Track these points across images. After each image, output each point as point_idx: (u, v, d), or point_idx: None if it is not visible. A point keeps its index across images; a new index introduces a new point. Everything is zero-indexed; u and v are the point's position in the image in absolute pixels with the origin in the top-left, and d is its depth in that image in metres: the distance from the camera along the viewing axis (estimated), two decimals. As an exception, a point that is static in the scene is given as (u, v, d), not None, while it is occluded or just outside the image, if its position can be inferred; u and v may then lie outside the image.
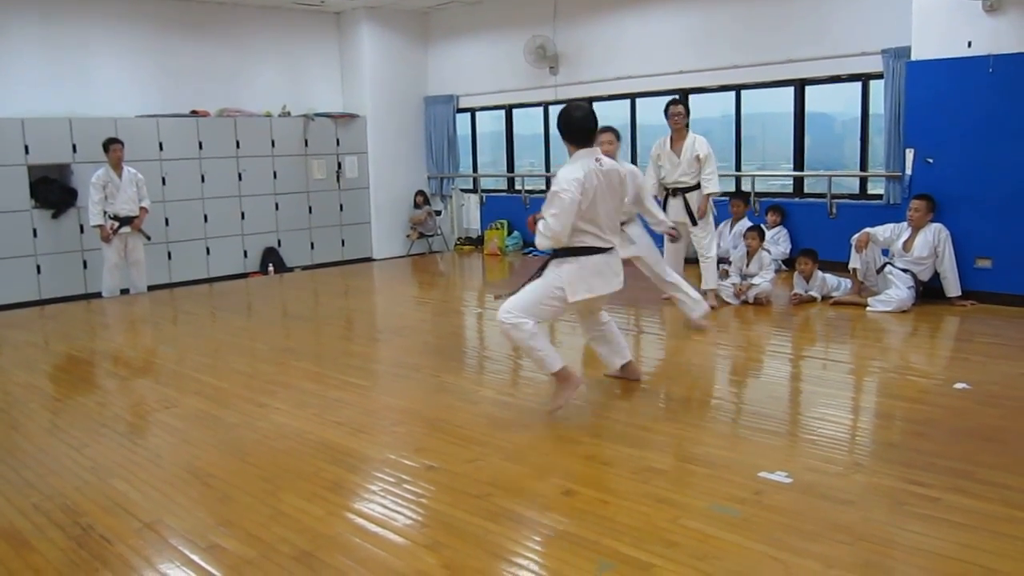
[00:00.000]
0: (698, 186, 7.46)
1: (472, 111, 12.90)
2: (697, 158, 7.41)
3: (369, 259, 12.58)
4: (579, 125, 4.63)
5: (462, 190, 13.14)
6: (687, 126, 7.51)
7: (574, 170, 4.51)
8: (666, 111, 7.50)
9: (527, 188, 12.34)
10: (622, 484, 3.73)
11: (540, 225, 4.60)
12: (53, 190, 9.75)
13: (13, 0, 9.77)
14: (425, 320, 8.07)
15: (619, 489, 3.67)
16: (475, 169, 13.18)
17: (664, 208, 7.49)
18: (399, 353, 6.47)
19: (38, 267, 9.66)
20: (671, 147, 7.55)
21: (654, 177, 7.62)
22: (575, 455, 4.13)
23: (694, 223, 7.52)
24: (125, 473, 4.09)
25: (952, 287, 7.28)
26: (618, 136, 6.39)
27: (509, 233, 12.32)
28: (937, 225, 7.27)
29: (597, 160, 4.59)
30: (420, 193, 12.98)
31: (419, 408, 5.03)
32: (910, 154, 7.67)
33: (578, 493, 3.64)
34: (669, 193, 7.63)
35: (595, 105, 11.24)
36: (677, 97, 7.89)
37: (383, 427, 4.74)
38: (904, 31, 7.81)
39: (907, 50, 7.81)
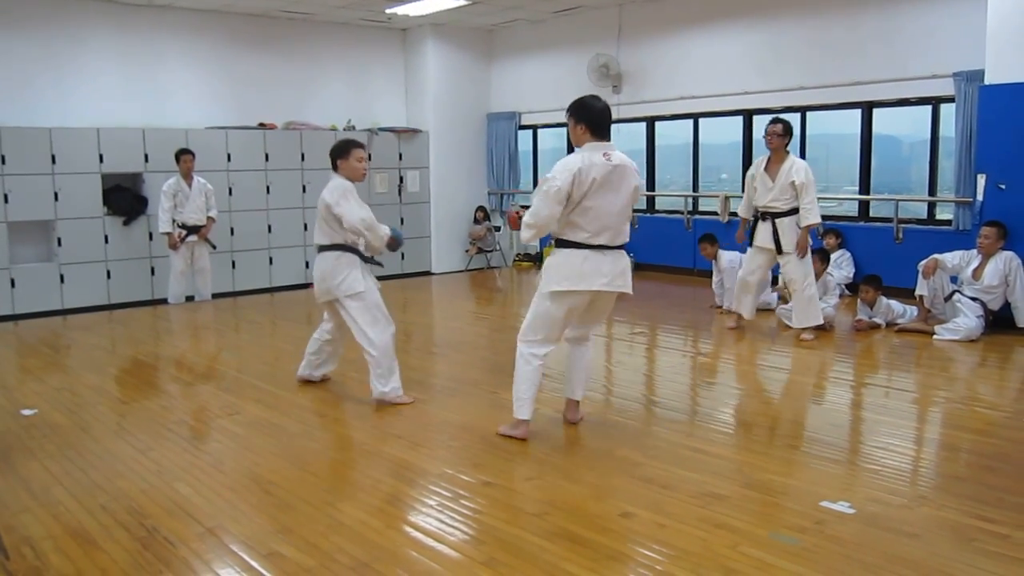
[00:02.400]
0: (790, 212, 7.01)
1: (534, 128, 12.95)
2: (792, 184, 6.94)
3: (428, 273, 12.69)
4: (600, 114, 4.45)
5: (522, 206, 13.16)
6: (787, 148, 7.09)
7: (572, 160, 4.38)
8: (765, 130, 7.13)
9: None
10: (681, 508, 3.69)
11: (525, 215, 4.52)
12: (125, 198, 10.02)
13: (91, 14, 10.11)
14: (482, 335, 8.10)
15: (677, 513, 3.64)
16: (535, 186, 13.17)
17: (752, 231, 7.29)
18: (456, 368, 6.50)
19: (108, 272, 9.93)
20: (766, 168, 7.13)
21: (747, 199, 7.33)
22: (634, 477, 4.10)
23: (779, 251, 7.11)
24: (189, 477, 4.17)
25: (1023, 317, 7.08)
26: None
27: (567, 250, 12.29)
28: (1009, 253, 7.09)
29: (606, 155, 4.38)
30: (480, 209, 13.05)
31: (476, 424, 5.04)
32: (982, 179, 7.50)
33: (636, 515, 3.62)
34: (759, 217, 7.24)
35: (658, 124, 11.32)
36: (779, 116, 7.40)
37: (440, 441, 4.76)
38: (976, 54, 7.67)
39: (980, 73, 7.66)
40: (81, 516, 3.72)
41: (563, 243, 4.48)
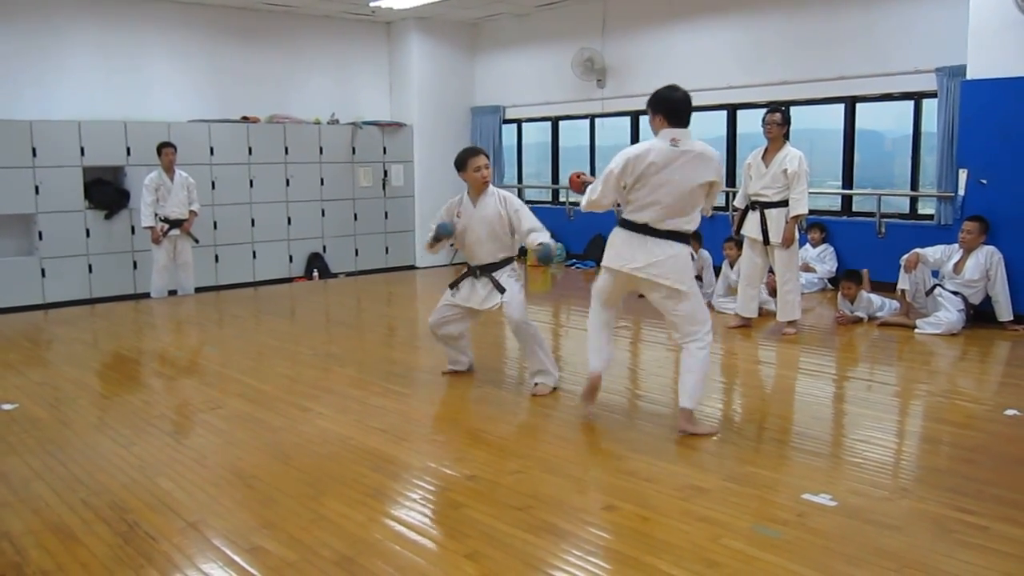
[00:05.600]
0: (780, 204, 6.96)
1: (518, 122, 12.94)
2: (784, 172, 6.88)
3: (412, 267, 12.66)
4: (676, 103, 4.54)
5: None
6: (786, 137, 7.02)
7: (635, 146, 4.59)
8: (764, 119, 7.07)
9: (571, 200, 12.33)
10: (663, 501, 3.70)
11: (587, 189, 4.75)
12: (107, 191, 9.95)
13: (72, 6, 10.02)
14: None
15: (660, 506, 3.65)
16: (520, 180, 13.21)
17: (742, 221, 7.25)
18: (441, 362, 6.49)
19: (90, 266, 9.86)
20: (763, 157, 7.07)
21: (743, 189, 7.26)
22: (617, 470, 4.11)
23: (766, 242, 7.08)
24: (170, 472, 4.15)
25: (1004, 311, 7.14)
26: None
27: (552, 244, 12.29)
28: (990, 248, 7.14)
29: (674, 140, 4.46)
30: (464, 202, 13.01)
31: (460, 417, 5.04)
32: (963, 175, 7.55)
33: (619, 508, 3.63)
34: (749, 206, 7.19)
35: (642, 119, 11.31)
36: (776, 105, 7.31)
37: (424, 435, 4.76)
38: (959, 50, 7.71)
39: (962, 69, 7.70)
40: (62, 511, 3.70)
41: (622, 222, 4.65)
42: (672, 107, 4.52)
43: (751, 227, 7.15)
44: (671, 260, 4.49)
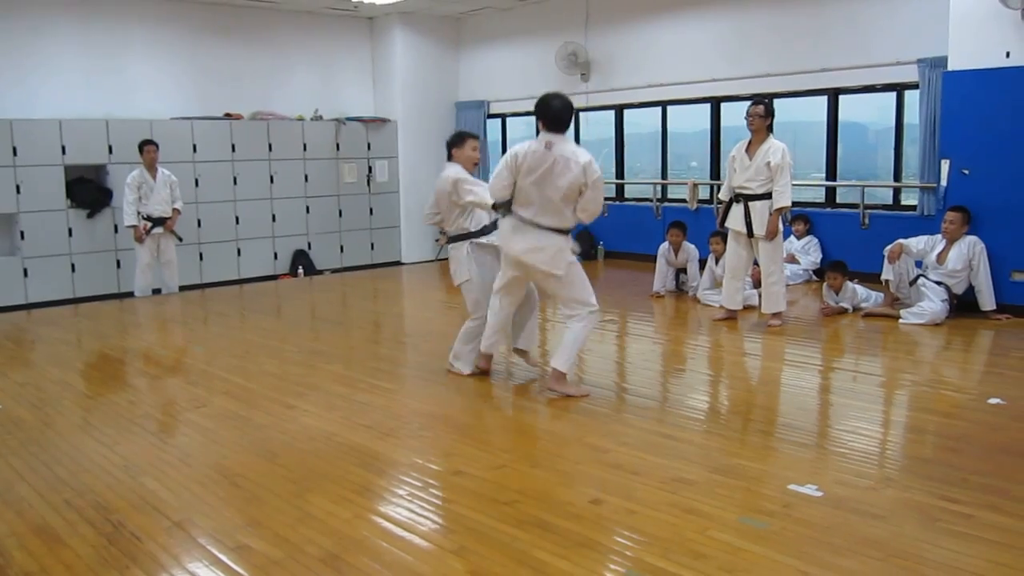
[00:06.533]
0: (764, 196, 6.96)
1: (503, 117, 12.92)
2: (768, 165, 6.89)
3: (398, 263, 12.64)
4: (555, 111, 5.00)
5: None
6: (769, 129, 7.02)
7: (518, 146, 5.11)
8: (747, 111, 7.07)
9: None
10: (650, 494, 3.71)
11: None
12: (89, 190, 9.88)
13: (53, 3, 9.93)
14: (453, 325, 8.03)
15: (647, 499, 3.65)
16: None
17: (726, 214, 7.26)
18: (427, 357, 6.48)
19: (72, 266, 9.79)
20: (746, 150, 7.07)
21: (727, 182, 7.26)
22: (603, 464, 4.11)
23: (750, 234, 7.08)
24: (155, 471, 4.13)
25: (987, 300, 7.18)
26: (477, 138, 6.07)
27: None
28: (972, 238, 7.18)
29: (547, 143, 4.95)
30: (450, 198, 12.99)
31: (446, 413, 5.03)
32: (945, 165, 7.58)
33: (605, 502, 3.63)
34: (734, 198, 7.18)
35: (626, 112, 11.33)
36: (760, 98, 7.37)
37: (410, 431, 4.75)
38: (940, 41, 7.74)
39: (943, 60, 7.73)
40: (45, 512, 3.67)
41: (508, 212, 5.16)
42: (551, 114, 5.00)
43: (735, 220, 7.17)
44: (548, 247, 5.03)
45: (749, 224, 7.06)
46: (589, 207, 5.04)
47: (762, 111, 6.98)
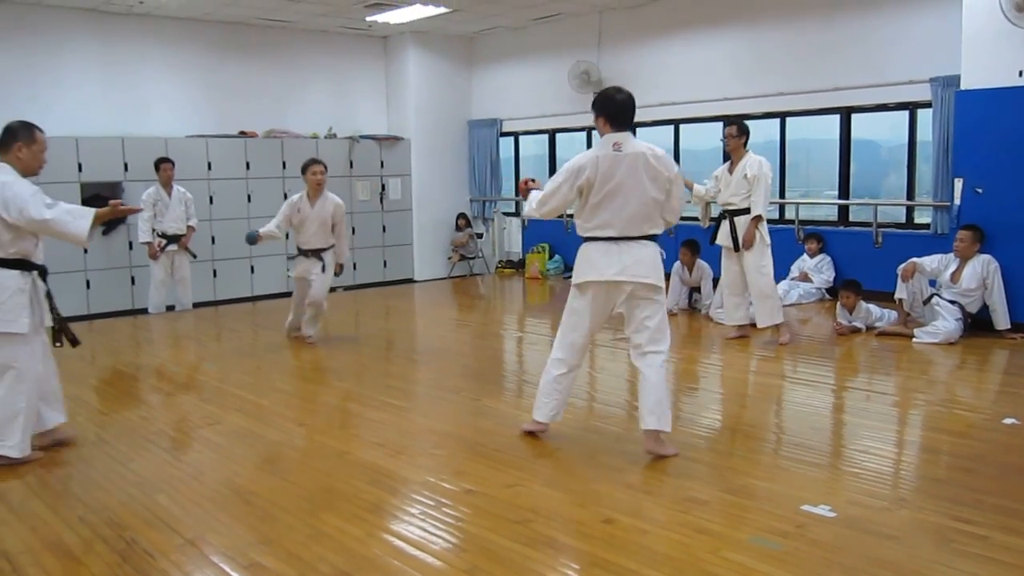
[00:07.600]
0: (747, 211, 7.13)
1: (515, 135, 12.97)
2: (745, 177, 7.10)
3: (411, 280, 12.67)
4: (619, 105, 4.44)
5: (504, 213, 13.20)
6: (745, 146, 7.21)
7: (579, 157, 4.41)
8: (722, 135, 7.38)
9: (569, 212, 12.34)
10: (662, 513, 3.70)
11: (536, 194, 4.56)
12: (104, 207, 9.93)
13: (70, 22, 10.05)
14: (465, 343, 8.09)
15: (659, 518, 3.64)
16: (517, 193, 13.20)
17: (717, 231, 7.42)
18: (439, 375, 6.49)
19: (87, 282, 9.86)
20: (729, 169, 7.30)
21: (706, 188, 7.48)
22: (615, 483, 4.10)
23: (736, 248, 7.23)
24: (169, 488, 4.14)
25: (1001, 320, 7.15)
26: (325, 168, 7.64)
27: (550, 257, 12.32)
28: (986, 256, 7.16)
29: (616, 144, 4.34)
30: (462, 216, 13.05)
31: (458, 431, 5.03)
32: (959, 184, 7.57)
33: (618, 521, 3.62)
34: (721, 215, 7.39)
35: (639, 131, 11.33)
36: (733, 120, 7.66)
37: (422, 449, 4.75)
38: (953, 60, 7.74)
39: (956, 79, 7.72)
40: (60, 529, 3.69)
41: (584, 239, 4.47)
42: (615, 109, 4.43)
43: (723, 236, 7.37)
44: (646, 259, 4.37)
45: (735, 239, 7.22)
46: (676, 205, 4.51)
47: (735, 131, 7.27)
